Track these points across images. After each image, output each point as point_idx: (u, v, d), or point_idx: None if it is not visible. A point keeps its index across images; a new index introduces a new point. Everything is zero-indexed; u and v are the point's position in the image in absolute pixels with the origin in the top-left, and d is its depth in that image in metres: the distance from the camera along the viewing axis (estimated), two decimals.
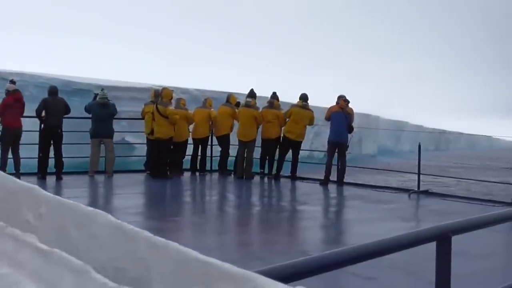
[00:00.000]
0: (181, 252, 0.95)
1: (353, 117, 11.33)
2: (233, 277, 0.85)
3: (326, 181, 10.98)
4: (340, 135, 11.00)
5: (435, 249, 1.91)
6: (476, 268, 4.97)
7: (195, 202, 9.66)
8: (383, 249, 1.74)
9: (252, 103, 11.64)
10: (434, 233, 1.92)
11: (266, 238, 6.43)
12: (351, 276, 4.35)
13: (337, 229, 7.42)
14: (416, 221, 7.88)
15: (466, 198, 9.79)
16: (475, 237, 5.32)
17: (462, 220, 2.12)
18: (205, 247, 5.66)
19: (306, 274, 1.43)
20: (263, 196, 10.51)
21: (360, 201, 9.23)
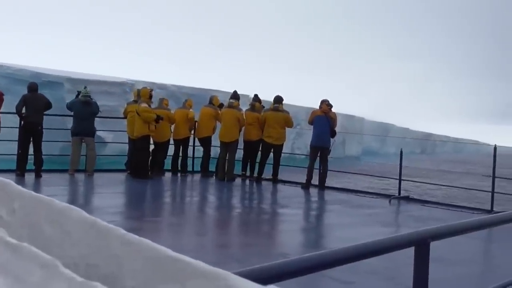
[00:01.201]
0: (154, 249, 0.98)
1: (336, 121, 11.74)
2: (205, 274, 0.88)
3: (307, 185, 11.40)
4: (322, 139, 11.40)
5: (413, 255, 1.97)
6: (453, 274, 5.18)
7: (175, 203, 9.90)
8: (362, 253, 1.80)
9: (235, 104, 11.99)
10: (412, 239, 1.98)
11: (246, 240, 6.65)
12: (330, 280, 4.55)
13: (317, 232, 7.72)
14: (395, 227, 8.23)
15: (446, 205, 10.26)
16: (453, 243, 5.73)
17: (441, 226, 2.18)
18: (183, 248, 5.92)
19: (284, 276, 1.47)
20: (244, 198, 10.81)
21: (341, 206, 9.59)
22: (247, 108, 12.41)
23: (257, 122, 11.97)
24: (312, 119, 11.60)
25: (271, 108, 12.00)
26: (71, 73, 23.71)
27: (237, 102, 12.10)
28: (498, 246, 7.03)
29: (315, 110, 11.74)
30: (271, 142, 11.82)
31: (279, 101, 12.00)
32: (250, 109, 12.29)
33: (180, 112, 12.36)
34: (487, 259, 6.78)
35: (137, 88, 13.04)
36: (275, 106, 11.93)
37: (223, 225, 7.80)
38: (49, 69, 24.09)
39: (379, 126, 57.88)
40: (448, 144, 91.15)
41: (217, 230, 7.50)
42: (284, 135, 12.10)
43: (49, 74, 22.62)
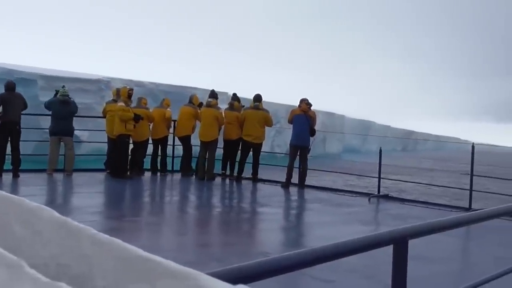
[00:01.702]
0: (125, 249, 0.98)
1: (315, 120, 11.97)
2: (176, 274, 0.89)
3: (287, 184, 11.60)
4: (302, 138, 11.62)
5: (391, 253, 2.01)
6: (432, 272, 5.32)
7: (155, 202, 10.00)
8: (341, 251, 1.82)
9: (213, 103, 12.16)
10: (391, 237, 2.01)
11: (226, 240, 6.77)
12: (310, 278, 4.68)
13: (297, 231, 7.89)
14: (375, 225, 8.43)
15: (425, 203, 10.52)
16: (432, 241, 5.94)
17: (419, 224, 2.22)
18: (163, 247, 6.04)
19: (263, 275, 1.49)
20: (224, 198, 10.95)
21: (321, 204, 9.80)
22: (226, 107, 12.60)
23: (236, 121, 12.15)
24: (292, 118, 11.80)
25: (251, 106, 12.20)
26: (44, 70, 23.57)
27: (215, 101, 12.27)
28: (476, 244, 7.20)
29: (295, 109, 11.95)
30: (250, 141, 11.99)
31: (259, 100, 12.20)
32: (229, 108, 12.48)
33: (158, 111, 12.50)
34: (465, 256, 6.95)
35: (116, 88, 13.12)
36: (255, 105, 12.12)
37: (203, 225, 7.92)
38: (22, 66, 23.91)
39: (360, 124, 58.39)
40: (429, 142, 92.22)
41: (197, 229, 7.61)
42: (263, 134, 12.30)
43: (21, 71, 22.46)
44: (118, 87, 13.09)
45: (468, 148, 10.03)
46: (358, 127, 56.25)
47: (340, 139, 47.69)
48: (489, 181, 13.06)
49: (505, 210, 2.94)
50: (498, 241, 6.86)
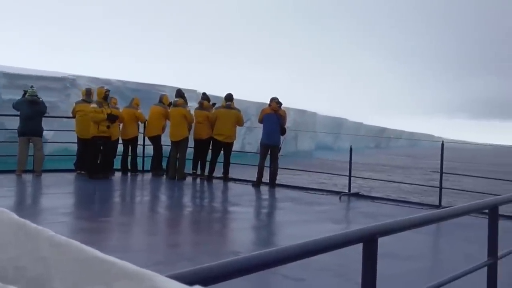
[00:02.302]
0: (82, 250, 1.00)
1: (286, 119, 12.23)
2: (132, 275, 0.91)
3: (258, 183, 11.84)
4: (272, 137, 11.86)
5: (361, 251, 2.06)
6: (403, 269, 5.49)
7: (125, 202, 10.15)
8: (311, 250, 1.85)
9: (179, 102, 12.35)
10: (360, 235, 2.05)
11: (197, 239, 6.91)
12: (281, 277, 4.81)
13: (268, 230, 8.09)
14: (346, 223, 8.69)
15: (396, 201, 10.86)
16: (403, 238, 6.18)
17: (389, 222, 2.25)
18: (134, 248, 6.19)
19: (234, 275, 1.52)
20: (195, 197, 11.10)
21: (292, 203, 10.03)
22: (196, 107, 12.83)
23: (207, 120, 12.34)
24: (262, 118, 12.04)
25: (222, 106, 12.41)
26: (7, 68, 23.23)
27: (182, 100, 12.46)
28: (446, 241, 7.48)
29: (265, 108, 12.19)
30: (222, 140, 12.21)
31: (230, 99, 12.42)
32: (199, 107, 12.70)
33: (128, 111, 12.64)
34: (436, 253, 7.18)
35: (86, 88, 13.17)
36: (227, 104, 12.34)
37: (174, 224, 8.06)
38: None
39: (332, 121, 58.92)
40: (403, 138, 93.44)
41: (167, 229, 7.75)
42: (234, 133, 12.54)
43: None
44: (88, 87, 13.18)
45: (439, 145, 10.34)
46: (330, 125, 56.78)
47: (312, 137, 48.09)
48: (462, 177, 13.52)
49: (474, 207, 3.03)
50: (468, 237, 7.07)
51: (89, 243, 2.58)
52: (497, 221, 3.11)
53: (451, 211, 2.89)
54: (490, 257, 3.08)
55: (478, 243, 3.22)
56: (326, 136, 52.27)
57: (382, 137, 77.82)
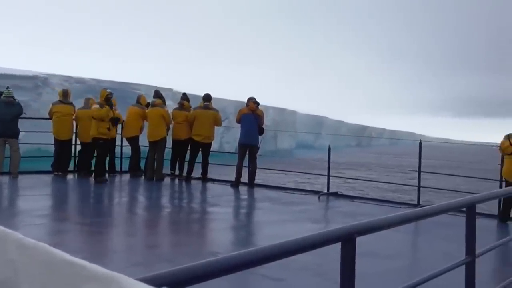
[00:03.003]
0: (50, 253, 1.01)
1: (264, 118, 12.49)
2: (99, 278, 0.93)
3: (237, 183, 12.08)
4: (250, 137, 12.12)
5: (340, 250, 2.09)
6: (383, 268, 5.70)
7: (103, 203, 10.28)
8: (289, 250, 1.87)
9: (157, 102, 12.55)
10: (339, 234, 2.08)
11: (176, 240, 7.07)
12: (260, 277, 4.95)
13: (247, 230, 8.30)
14: (324, 223, 8.91)
15: (374, 200, 11.18)
16: (382, 238, 6.42)
17: (367, 221, 2.29)
18: (112, 249, 6.37)
19: (212, 275, 1.54)
20: (174, 198, 11.29)
21: (271, 203, 10.26)
22: (176, 107, 13.04)
23: (186, 120, 12.54)
24: (240, 118, 12.30)
25: (200, 106, 12.62)
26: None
27: (160, 100, 12.65)
28: (425, 239, 7.76)
29: (242, 109, 12.46)
30: (200, 140, 12.42)
31: (208, 99, 12.64)
32: (178, 108, 12.91)
33: None
34: (414, 252, 7.46)
35: (62, 89, 13.25)
36: (205, 104, 12.55)
37: (152, 225, 8.19)
38: None
39: (313, 119, 59.34)
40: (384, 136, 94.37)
41: (146, 230, 7.89)
42: (213, 134, 12.77)
43: None
44: (65, 88, 13.28)
45: (423, 143, 10.62)
46: (310, 123, 57.19)
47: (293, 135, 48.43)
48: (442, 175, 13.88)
49: (452, 206, 3.09)
50: (447, 236, 7.26)
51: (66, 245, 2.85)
52: (475, 220, 3.17)
53: (429, 210, 2.95)
54: (468, 255, 3.14)
55: (456, 242, 3.26)
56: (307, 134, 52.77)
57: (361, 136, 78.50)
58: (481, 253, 3.27)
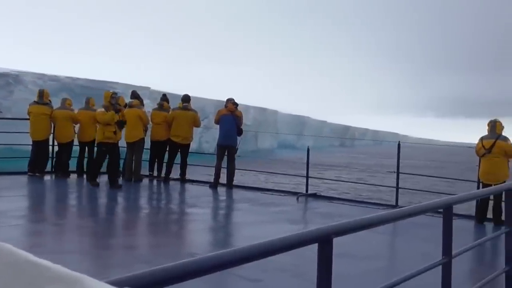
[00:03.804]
0: (14, 254, 1.02)
1: (242, 119, 12.79)
2: (63, 279, 0.94)
3: (215, 184, 12.36)
4: (229, 138, 12.43)
5: (317, 251, 2.13)
6: (361, 269, 5.90)
7: (81, 205, 10.46)
8: (266, 251, 1.89)
9: (134, 103, 12.78)
10: (315, 235, 2.11)
11: (154, 241, 7.23)
12: (238, 278, 5.11)
13: (225, 231, 8.57)
14: (303, 224, 9.18)
15: (353, 201, 11.55)
16: (361, 239, 6.68)
17: (343, 222, 2.33)
18: (90, 250, 6.55)
19: (188, 276, 1.56)
20: (152, 199, 11.53)
21: (249, 204, 10.55)
22: (155, 108, 13.28)
23: (165, 121, 12.78)
24: (218, 119, 12.58)
25: (179, 107, 12.86)
26: None
27: (137, 101, 12.90)
28: (404, 240, 8.07)
29: (221, 109, 12.76)
30: (178, 141, 12.66)
31: (187, 100, 12.89)
32: (158, 108, 13.15)
33: (85, 113, 12.96)
34: (393, 253, 7.75)
35: (39, 89, 13.37)
36: (184, 105, 12.80)
37: (130, 227, 8.39)
38: None
39: (295, 119, 59.70)
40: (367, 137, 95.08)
41: (124, 231, 8.09)
42: (191, 135, 13.02)
43: None
44: (41, 89, 13.42)
45: (406, 144, 10.89)
46: (292, 123, 57.53)
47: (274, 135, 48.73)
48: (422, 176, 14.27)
49: (429, 207, 3.16)
50: (425, 237, 7.51)
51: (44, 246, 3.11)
52: (451, 220, 3.25)
53: (406, 211, 3.01)
54: (445, 255, 3.21)
55: (434, 242, 3.35)
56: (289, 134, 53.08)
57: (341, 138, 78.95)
58: (457, 254, 3.34)
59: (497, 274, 4.26)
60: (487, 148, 9.55)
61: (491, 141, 9.56)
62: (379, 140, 79.24)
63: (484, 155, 9.60)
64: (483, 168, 9.65)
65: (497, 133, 9.67)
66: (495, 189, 5.31)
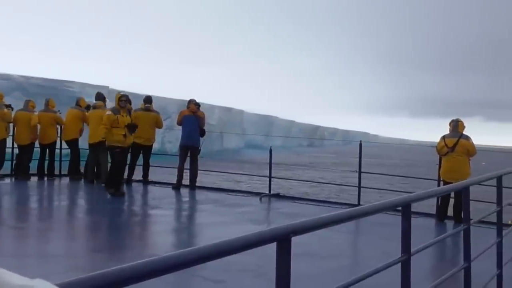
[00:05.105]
0: None
1: (205, 120, 13.22)
2: None
3: (178, 185, 12.76)
4: (192, 139, 12.83)
5: (275, 250, 2.16)
6: (323, 268, 6.16)
7: (42, 207, 10.66)
8: (223, 250, 1.91)
9: (98, 104, 13.09)
10: (273, 234, 2.14)
11: (116, 244, 7.44)
12: (201, 279, 5.33)
13: (189, 232, 8.93)
14: (266, 224, 9.57)
15: (316, 201, 12.07)
16: (324, 238, 7.05)
17: (302, 221, 2.34)
18: (52, 253, 6.71)
19: (146, 276, 1.58)
20: (114, 201, 11.56)
21: (213, 205, 10.95)
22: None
23: None
24: (181, 119, 12.98)
25: (141, 108, 13.16)
26: None
27: (101, 102, 13.19)
28: (366, 238, 8.54)
29: (183, 110, 13.17)
30: (141, 143, 12.95)
31: (149, 101, 13.23)
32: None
33: (45, 115, 13.30)
34: (354, 252, 8.16)
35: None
36: (146, 106, 13.13)
37: (93, 229, 8.62)
38: None
39: (262, 119, 60.10)
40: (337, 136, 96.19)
41: (87, 234, 8.30)
42: (154, 136, 13.39)
43: None
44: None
45: (376, 144, 11.42)
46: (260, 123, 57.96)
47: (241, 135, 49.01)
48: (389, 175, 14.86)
49: (387, 205, 3.28)
50: (387, 235, 7.48)
51: (3, 249, 3.48)
52: (410, 218, 3.32)
53: (364, 209, 3.07)
54: (404, 253, 3.28)
55: (396, 240, 3.34)
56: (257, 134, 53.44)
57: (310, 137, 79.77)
58: (416, 251, 3.44)
59: (456, 271, 4.45)
60: (450, 146, 9.97)
61: (454, 139, 9.98)
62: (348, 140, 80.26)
63: (446, 154, 10.01)
64: (445, 167, 10.05)
65: (459, 132, 10.09)
66: (453, 187, 5.61)
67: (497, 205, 5.44)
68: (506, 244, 5.43)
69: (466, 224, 4.51)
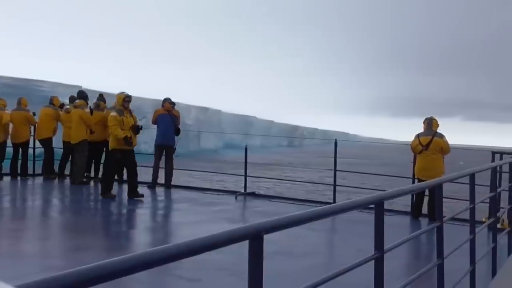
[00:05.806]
0: None
1: (180, 119, 13.44)
2: None
3: (154, 184, 12.92)
4: (167, 138, 13.06)
5: (248, 248, 2.19)
6: (298, 266, 6.30)
7: (16, 207, 10.75)
8: (195, 248, 1.93)
9: (79, 103, 13.17)
10: (245, 232, 2.16)
11: (91, 243, 7.47)
12: (176, 278, 5.42)
13: (164, 231, 9.09)
14: (241, 222, 9.67)
15: (292, 199, 12.34)
16: (299, 237, 7.22)
17: (274, 219, 2.36)
18: (26, 254, 6.80)
19: (114, 275, 1.57)
20: (89, 201, 11.90)
21: (188, 204, 11.14)
22: None
23: (101, 121, 13.06)
24: (156, 118, 13.19)
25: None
26: None
27: (82, 101, 13.23)
28: (341, 236, 8.76)
29: (158, 109, 13.38)
30: None
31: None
32: (94, 108, 13.35)
33: (18, 114, 13.41)
34: (330, 249, 8.34)
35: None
36: None
37: (68, 229, 8.71)
38: None
39: (240, 119, 60.34)
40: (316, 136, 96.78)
41: (62, 234, 8.42)
42: None
43: None
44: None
45: (357, 142, 11.68)
46: (238, 123, 58.21)
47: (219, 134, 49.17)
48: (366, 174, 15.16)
49: (360, 203, 3.34)
50: (362, 233, 7.77)
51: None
52: (383, 215, 3.38)
53: (337, 206, 3.12)
54: (377, 250, 3.35)
55: (371, 238, 3.39)
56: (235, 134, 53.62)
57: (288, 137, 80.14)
58: (389, 249, 3.49)
59: (429, 268, 4.55)
60: (424, 144, 10.21)
61: (428, 138, 10.23)
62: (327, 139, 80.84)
63: (421, 152, 10.26)
64: (420, 165, 10.30)
65: (433, 130, 10.35)
66: (425, 184, 5.76)
67: (470, 202, 5.59)
68: (478, 241, 5.60)
69: (439, 222, 4.61)
